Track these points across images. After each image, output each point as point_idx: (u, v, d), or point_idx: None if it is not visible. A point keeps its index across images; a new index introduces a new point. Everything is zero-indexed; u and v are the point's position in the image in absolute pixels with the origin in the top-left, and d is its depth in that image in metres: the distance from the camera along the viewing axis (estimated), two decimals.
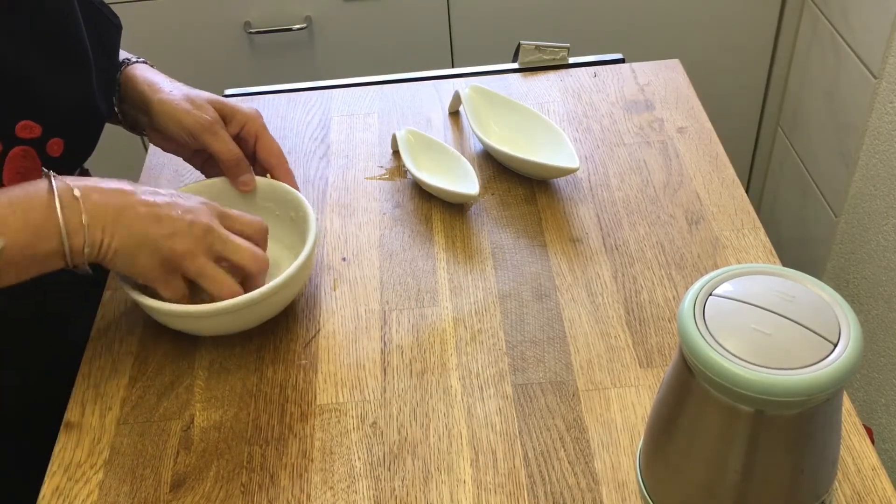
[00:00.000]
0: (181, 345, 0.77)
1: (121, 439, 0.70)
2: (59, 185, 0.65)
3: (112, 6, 0.83)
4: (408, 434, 0.69)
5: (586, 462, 0.66)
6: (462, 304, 0.79)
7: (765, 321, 0.50)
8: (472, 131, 0.95)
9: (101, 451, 0.69)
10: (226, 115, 0.81)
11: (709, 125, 0.97)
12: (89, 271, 0.68)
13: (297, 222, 0.79)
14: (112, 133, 0.90)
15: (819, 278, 0.65)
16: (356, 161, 0.96)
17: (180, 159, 0.88)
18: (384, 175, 0.94)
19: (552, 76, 1.07)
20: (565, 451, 0.66)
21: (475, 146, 0.97)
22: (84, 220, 0.64)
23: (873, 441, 1.41)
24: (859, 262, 1.49)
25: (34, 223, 0.63)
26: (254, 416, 0.71)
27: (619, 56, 1.11)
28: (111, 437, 0.70)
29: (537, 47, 1.08)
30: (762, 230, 0.84)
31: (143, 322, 0.79)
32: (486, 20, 1.62)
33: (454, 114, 1.02)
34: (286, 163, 0.83)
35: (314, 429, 0.70)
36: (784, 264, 0.65)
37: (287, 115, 1.04)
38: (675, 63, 1.08)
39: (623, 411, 0.69)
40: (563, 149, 0.89)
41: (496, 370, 0.73)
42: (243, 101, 0.84)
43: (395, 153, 0.96)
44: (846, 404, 0.67)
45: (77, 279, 0.71)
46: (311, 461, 0.67)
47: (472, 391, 0.71)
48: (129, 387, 0.74)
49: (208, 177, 0.85)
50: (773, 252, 0.82)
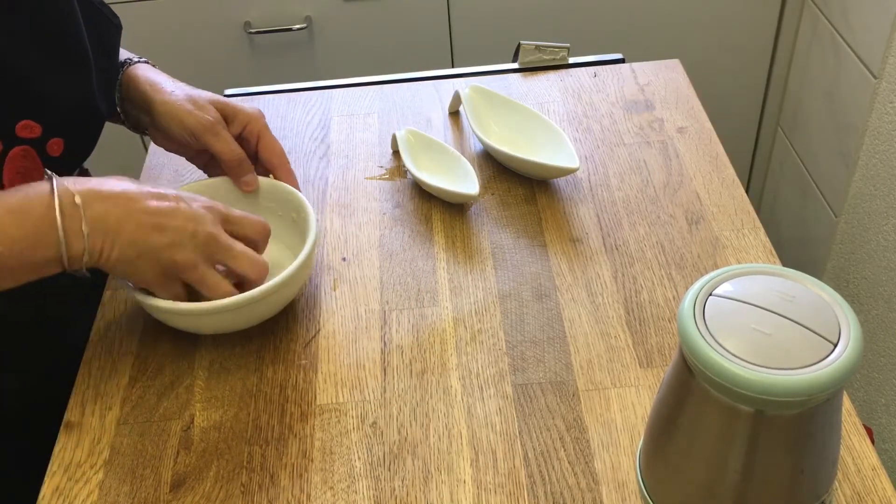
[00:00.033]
0: (181, 345, 0.77)
1: (121, 439, 0.70)
2: (60, 191, 0.64)
3: (112, 6, 0.83)
4: (408, 434, 0.69)
5: (586, 462, 0.66)
6: (462, 304, 0.79)
7: (765, 321, 0.50)
8: (472, 131, 0.95)
9: (101, 451, 0.69)
10: (228, 116, 0.81)
11: (709, 125, 0.97)
12: (87, 275, 0.68)
13: (299, 223, 0.79)
14: (112, 133, 0.90)
15: (819, 278, 0.65)
16: (356, 161, 0.96)
17: (181, 159, 0.88)
18: (384, 175, 0.94)
19: (552, 76, 1.07)
20: (565, 451, 0.66)
21: (475, 146, 0.97)
22: (84, 229, 0.64)
23: (873, 441, 1.41)
24: (859, 262, 1.49)
25: (32, 231, 0.63)
26: (254, 416, 0.71)
27: (619, 56, 1.11)
28: (111, 437, 0.70)
29: (537, 47, 1.08)
30: (762, 230, 0.84)
31: (143, 322, 0.79)
32: (486, 20, 1.62)
33: (454, 114, 1.02)
34: (288, 163, 0.83)
35: (314, 429, 0.70)
36: (784, 264, 0.65)
37: (287, 115, 1.04)
38: (675, 63, 1.08)
39: (623, 411, 0.69)
40: (563, 149, 0.89)
41: (496, 370, 0.73)
42: (244, 101, 0.84)
43: (395, 153, 0.96)
44: (846, 404, 0.67)
45: (76, 282, 0.71)
46: (311, 461, 0.67)
47: (472, 391, 0.71)
48: (129, 387, 0.74)
49: (211, 176, 0.85)
50: (773, 252, 0.82)
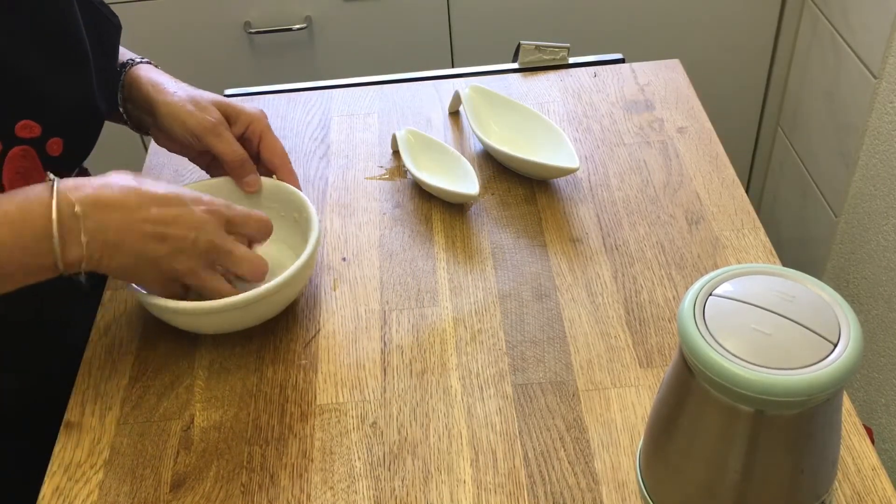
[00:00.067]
0: (181, 345, 0.77)
1: (121, 439, 0.70)
2: (59, 199, 0.62)
3: (112, 6, 0.83)
4: (408, 434, 0.69)
5: (586, 462, 0.66)
6: (462, 304, 0.78)
7: (765, 321, 0.50)
8: (472, 131, 0.95)
9: (101, 451, 0.69)
10: (230, 116, 0.81)
11: (709, 125, 0.97)
12: (83, 281, 0.67)
13: (301, 223, 0.79)
14: (112, 132, 0.90)
15: (819, 278, 0.65)
16: (356, 161, 0.96)
17: (181, 159, 0.88)
18: (384, 175, 0.94)
19: (552, 76, 1.07)
20: (565, 451, 0.66)
21: (475, 146, 0.97)
22: (83, 238, 0.63)
23: (873, 441, 1.41)
24: (859, 262, 1.49)
25: (30, 238, 0.62)
26: (254, 416, 0.71)
27: (619, 56, 1.11)
28: (111, 437, 0.70)
29: (537, 47, 1.08)
30: (762, 230, 0.84)
31: (143, 322, 0.79)
32: (486, 20, 1.62)
33: (454, 114, 1.02)
34: (290, 163, 0.83)
35: (314, 429, 0.70)
36: (784, 264, 0.65)
37: (287, 115, 1.04)
38: (675, 63, 1.08)
39: (623, 411, 0.69)
40: (563, 149, 0.89)
41: (496, 370, 0.73)
42: (244, 101, 0.84)
43: (395, 153, 0.96)
44: (846, 404, 0.67)
45: (76, 283, 0.71)
46: (311, 461, 0.67)
47: (472, 391, 0.71)
48: (129, 387, 0.74)
49: (213, 177, 0.85)
50: (773, 252, 0.82)
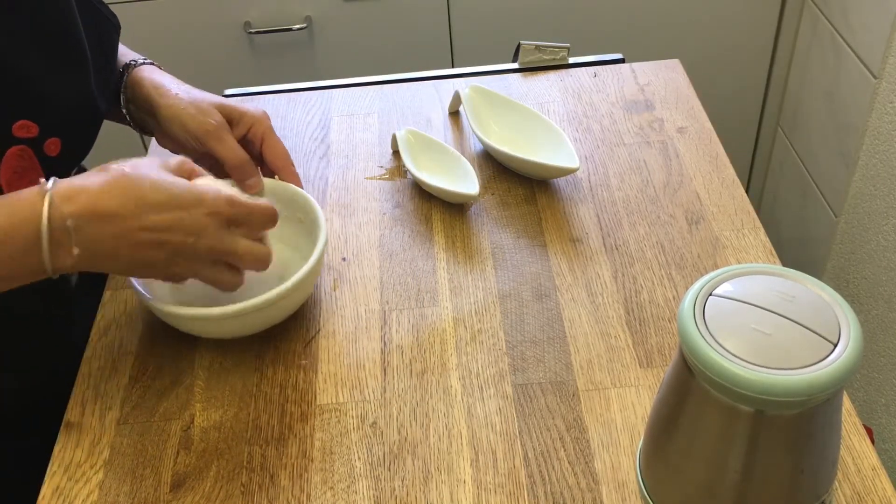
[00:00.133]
0: (181, 345, 0.77)
1: (121, 439, 0.70)
2: (51, 211, 0.60)
3: (112, 6, 0.83)
4: (408, 434, 0.69)
5: (586, 462, 0.66)
6: (462, 304, 0.78)
7: (765, 321, 0.50)
8: (472, 131, 0.95)
9: (101, 451, 0.69)
10: (232, 118, 0.81)
11: (709, 125, 0.97)
12: (73, 282, 0.67)
13: (305, 223, 0.79)
14: (111, 132, 0.90)
15: (819, 278, 0.65)
16: (356, 161, 0.96)
17: None
18: (384, 175, 0.94)
19: (552, 76, 1.07)
20: (565, 451, 0.66)
21: (475, 146, 0.97)
22: (75, 251, 0.62)
23: (873, 441, 1.41)
24: (859, 262, 1.49)
25: (18, 249, 0.61)
26: (254, 416, 0.71)
27: (619, 56, 1.11)
28: (111, 437, 0.70)
29: (537, 47, 1.08)
30: (762, 230, 0.84)
31: (143, 322, 0.79)
32: (486, 20, 1.62)
33: (454, 114, 1.02)
34: (292, 164, 0.83)
35: (314, 429, 0.70)
36: (784, 264, 0.65)
37: (287, 115, 1.04)
38: (675, 63, 1.08)
39: (623, 411, 0.69)
40: (563, 149, 0.89)
41: (496, 370, 0.73)
42: (244, 102, 0.84)
43: (395, 153, 0.96)
44: (846, 404, 0.67)
45: (76, 284, 0.70)
46: (311, 461, 0.67)
47: (472, 391, 0.71)
48: (129, 387, 0.74)
49: (216, 178, 0.85)
50: (773, 252, 0.82)
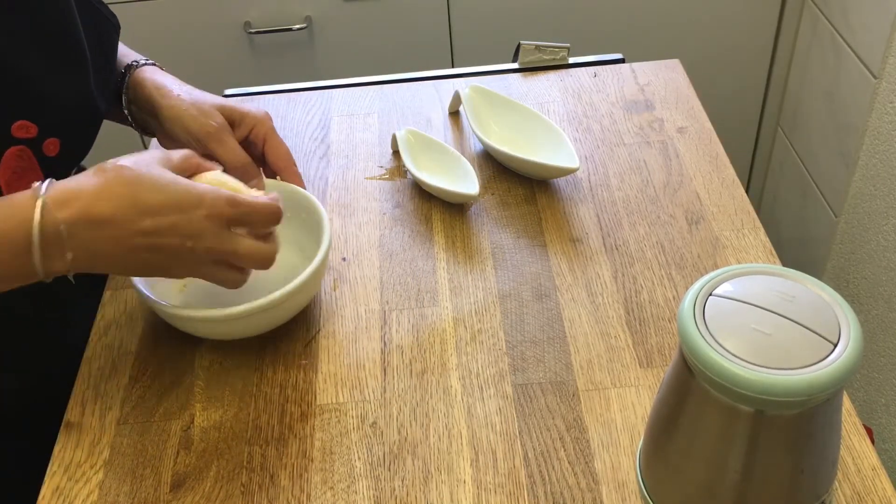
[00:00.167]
0: (181, 345, 0.76)
1: (121, 439, 0.70)
2: (43, 217, 0.60)
3: (112, 6, 0.83)
4: (408, 434, 0.69)
5: (586, 462, 0.66)
6: (462, 304, 0.78)
7: (765, 321, 0.50)
8: (472, 131, 0.95)
9: (101, 451, 0.69)
10: (234, 120, 0.80)
11: (709, 125, 0.97)
12: (72, 280, 0.67)
13: (308, 224, 0.78)
14: (111, 132, 0.90)
15: (819, 278, 0.65)
16: (356, 161, 0.96)
17: None
18: (384, 175, 0.94)
19: (552, 76, 1.07)
20: (565, 451, 0.66)
21: (475, 146, 0.97)
22: (68, 256, 0.61)
23: (873, 441, 1.41)
24: (859, 262, 1.49)
25: (8, 255, 0.60)
26: (254, 416, 0.71)
27: (619, 56, 1.11)
28: (111, 437, 0.70)
29: (537, 47, 1.08)
30: (762, 230, 0.84)
31: (143, 322, 0.79)
32: (486, 20, 1.62)
33: (454, 114, 1.02)
34: (294, 165, 0.82)
35: (314, 429, 0.70)
36: (784, 264, 0.65)
37: (287, 115, 1.04)
38: (675, 63, 1.08)
39: (623, 411, 0.69)
40: (563, 149, 0.89)
41: (496, 370, 0.73)
42: (244, 102, 0.84)
43: (395, 153, 0.96)
44: (846, 404, 0.67)
45: (75, 285, 0.70)
46: (311, 461, 0.67)
47: (472, 391, 0.71)
48: (129, 387, 0.74)
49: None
50: (773, 252, 0.82)
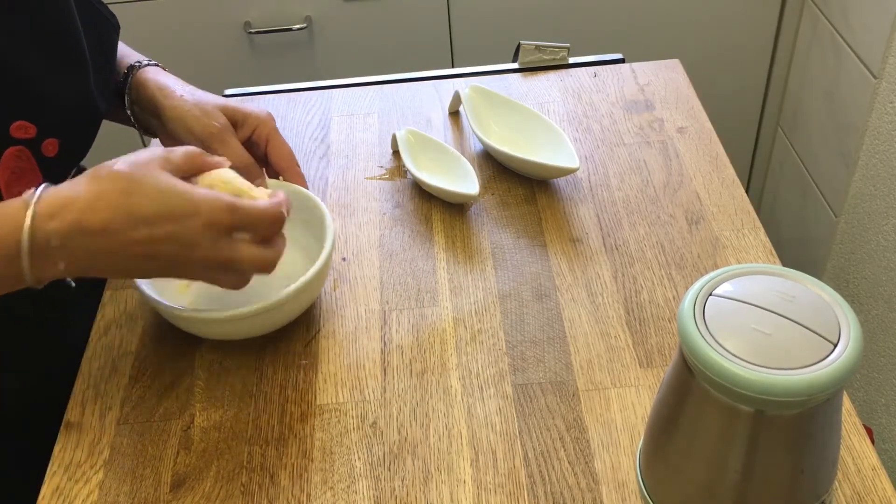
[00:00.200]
0: (181, 345, 0.77)
1: (121, 439, 0.70)
2: (34, 229, 0.58)
3: (112, 6, 0.83)
4: (408, 434, 0.69)
5: (586, 462, 0.66)
6: (462, 304, 0.78)
7: (765, 321, 0.50)
8: (472, 131, 0.95)
9: (101, 451, 0.69)
10: (237, 120, 0.80)
11: (709, 125, 0.97)
12: (72, 284, 0.67)
13: (311, 224, 0.78)
14: (111, 132, 0.90)
15: (819, 278, 0.65)
16: (356, 161, 0.96)
17: None
18: (384, 175, 0.94)
19: (552, 76, 1.07)
20: (565, 451, 0.66)
21: (475, 146, 0.97)
22: (60, 266, 0.60)
23: (873, 441, 1.41)
24: (859, 262, 1.49)
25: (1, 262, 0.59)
26: (254, 416, 0.71)
27: (619, 56, 1.11)
28: (111, 437, 0.70)
29: (537, 47, 1.08)
30: (762, 230, 0.84)
31: (143, 322, 0.79)
32: (486, 20, 1.62)
33: (454, 114, 1.02)
34: (297, 165, 0.82)
35: (314, 429, 0.70)
36: (784, 264, 0.65)
37: (287, 115, 1.04)
38: (675, 63, 1.08)
39: (623, 411, 0.69)
40: (563, 149, 0.89)
41: (496, 370, 0.73)
42: (244, 102, 0.84)
43: (395, 153, 0.96)
44: (846, 404, 0.67)
45: (74, 286, 0.70)
46: (311, 461, 0.67)
47: (472, 391, 0.71)
48: (129, 387, 0.74)
49: None
50: (773, 252, 0.82)
